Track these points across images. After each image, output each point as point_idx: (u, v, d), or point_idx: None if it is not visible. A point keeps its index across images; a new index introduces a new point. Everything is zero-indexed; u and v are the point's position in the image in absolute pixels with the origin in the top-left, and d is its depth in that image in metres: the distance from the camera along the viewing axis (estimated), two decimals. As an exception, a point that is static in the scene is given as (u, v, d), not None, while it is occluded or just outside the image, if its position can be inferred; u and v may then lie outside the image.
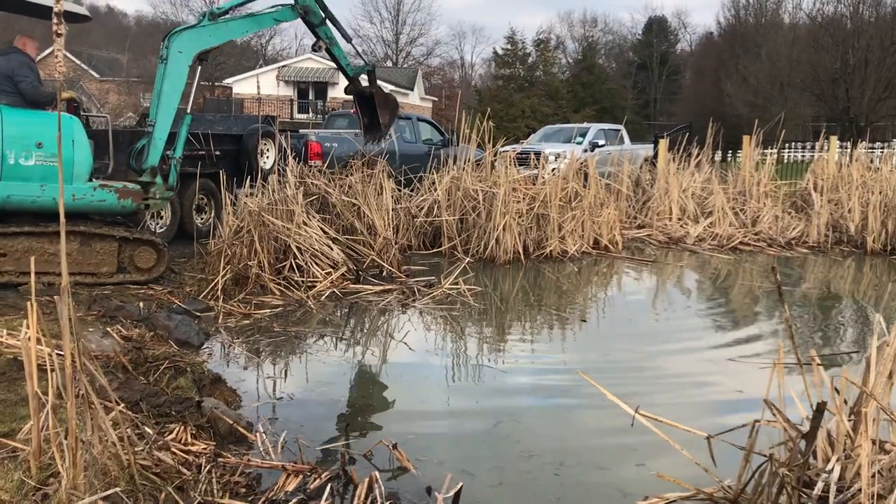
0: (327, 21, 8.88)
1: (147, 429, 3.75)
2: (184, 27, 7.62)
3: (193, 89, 7.90)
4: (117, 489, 2.95)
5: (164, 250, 7.37)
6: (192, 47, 7.39)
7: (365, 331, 6.87)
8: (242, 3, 8.36)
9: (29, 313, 3.18)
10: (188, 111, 7.79)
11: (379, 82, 10.14)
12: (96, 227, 7.01)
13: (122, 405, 3.49)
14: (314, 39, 8.87)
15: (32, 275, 3.22)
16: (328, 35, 8.89)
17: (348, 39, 9.43)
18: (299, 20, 8.65)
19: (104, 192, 7.00)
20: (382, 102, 9.51)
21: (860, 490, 2.27)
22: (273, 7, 8.47)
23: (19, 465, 3.24)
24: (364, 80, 9.54)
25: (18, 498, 3.01)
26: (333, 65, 9.76)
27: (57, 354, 3.35)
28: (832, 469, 2.33)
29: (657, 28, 64.00)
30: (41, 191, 6.65)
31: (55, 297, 3.04)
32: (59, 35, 2.75)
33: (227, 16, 7.85)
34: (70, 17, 7.77)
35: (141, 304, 6.29)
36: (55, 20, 2.74)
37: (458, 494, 3.36)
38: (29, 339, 3.20)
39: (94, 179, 7.00)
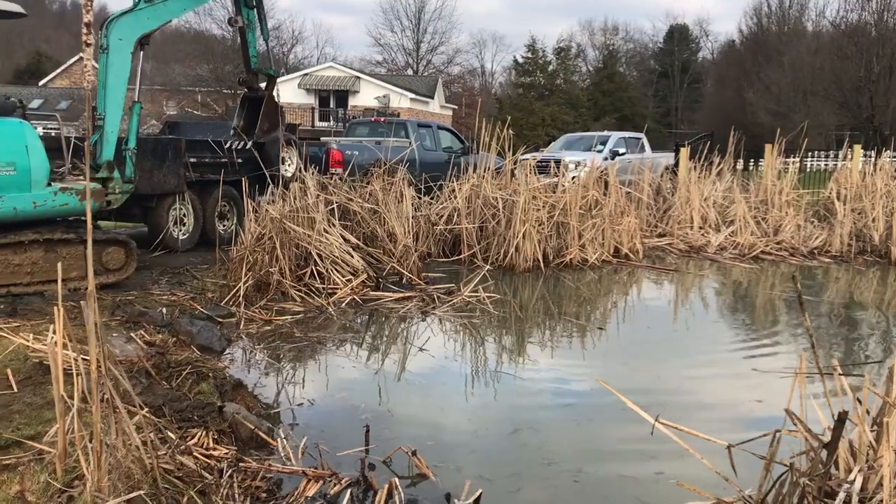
0: (255, 9, 9.07)
1: (169, 433, 3.79)
2: (120, 12, 7.43)
3: (139, 76, 7.81)
4: (141, 492, 2.99)
5: (133, 249, 7.23)
6: (131, 33, 7.30)
7: (385, 338, 6.90)
8: None
9: (56, 319, 3.24)
10: (136, 99, 7.73)
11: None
12: (62, 232, 6.83)
13: (146, 409, 3.53)
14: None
15: (59, 281, 3.28)
16: (249, 18, 9.08)
17: (266, 38, 9.57)
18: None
19: (65, 196, 6.89)
20: (269, 113, 9.57)
21: (882, 501, 2.26)
22: None
23: (45, 468, 3.30)
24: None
25: (45, 500, 3.06)
26: (355, 73, 9.78)
27: (82, 359, 3.41)
28: (854, 479, 2.32)
29: (678, 36, 63.75)
30: (0, 202, 6.51)
31: (81, 302, 3.08)
32: (87, 45, 2.80)
33: None
34: (7, 14, 7.73)
35: (164, 310, 6.36)
36: (84, 30, 2.79)
37: (477, 501, 3.36)
38: (55, 343, 3.27)
39: (52, 184, 6.88)
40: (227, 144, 9.84)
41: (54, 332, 3.29)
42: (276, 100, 10.10)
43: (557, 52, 55.99)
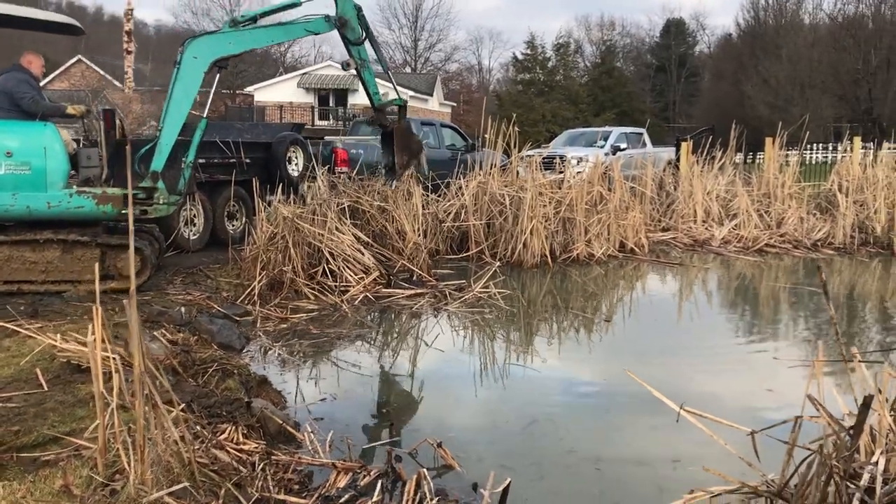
0: (366, 42, 8.49)
1: (199, 428, 3.89)
2: (203, 33, 7.41)
3: (211, 96, 7.75)
4: (186, 484, 3.09)
5: (149, 257, 7.22)
6: (208, 53, 7.20)
7: (400, 334, 7.00)
8: (269, 13, 8.16)
9: (94, 318, 3.33)
10: (204, 116, 7.59)
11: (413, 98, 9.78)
12: (78, 233, 6.92)
13: (182, 405, 3.63)
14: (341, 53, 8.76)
15: (97, 281, 3.38)
16: (362, 56, 8.52)
17: (386, 69, 9.06)
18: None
19: (81, 199, 6.89)
20: (402, 143, 9.05)
21: (904, 481, 2.37)
22: (306, 16, 8.16)
23: (86, 463, 3.40)
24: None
25: (88, 493, 3.15)
26: (353, 71, 9.32)
27: (119, 358, 3.50)
28: (878, 461, 2.42)
29: (675, 30, 63.83)
30: (13, 199, 6.68)
31: (124, 301, 3.17)
32: (128, 52, 2.87)
33: (252, 24, 7.69)
34: (64, 28, 7.82)
35: (182, 309, 6.45)
36: (125, 38, 2.87)
37: (506, 490, 3.46)
38: (94, 342, 3.36)
39: (71, 185, 6.91)
40: (382, 183, 9.51)
41: (91, 332, 3.37)
42: (409, 127, 9.58)
43: (557, 49, 56.08)
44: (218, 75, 7.47)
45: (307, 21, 8.13)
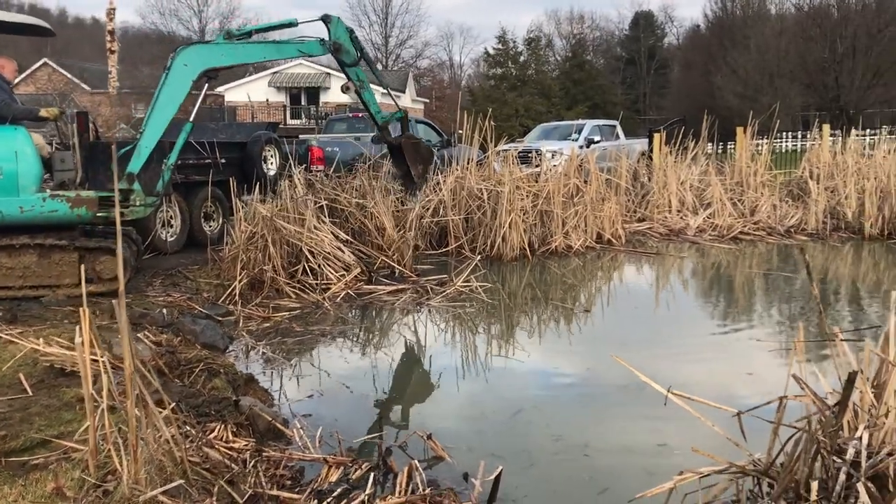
0: (361, 62, 8.49)
1: (188, 427, 3.89)
2: (197, 41, 7.48)
3: (199, 102, 7.76)
4: (181, 482, 3.10)
5: (128, 259, 7.12)
6: (199, 62, 7.20)
7: (384, 329, 7.03)
8: (264, 30, 8.14)
9: (82, 320, 3.32)
10: (190, 120, 7.58)
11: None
12: (55, 238, 6.85)
13: (173, 405, 3.64)
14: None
15: (83, 285, 3.36)
16: (360, 77, 8.52)
17: (386, 87, 9.10)
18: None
19: (55, 202, 6.80)
20: (413, 154, 9.08)
21: (889, 454, 2.44)
22: (300, 38, 8.15)
23: (77, 465, 3.39)
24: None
25: (81, 495, 3.15)
26: (325, 70, 9.31)
27: (111, 360, 3.49)
28: (861, 436, 2.50)
29: (644, 23, 64.34)
30: None
31: (112, 301, 3.17)
32: (112, 52, 2.87)
33: (247, 38, 7.68)
34: (33, 30, 7.77)
35: (164, 311, 6.42)
36: (108, 38, 2.87)
37: (497, 478, 3.50)
38: (83, 344, 3.35)
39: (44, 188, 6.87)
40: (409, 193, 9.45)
41: (79, 334, 3.36)
42: (414, 135, 9.58)
43: (528, 43, 56.28)
44: (206, 84, 7.44)
45: (301, 42, 8.08)
